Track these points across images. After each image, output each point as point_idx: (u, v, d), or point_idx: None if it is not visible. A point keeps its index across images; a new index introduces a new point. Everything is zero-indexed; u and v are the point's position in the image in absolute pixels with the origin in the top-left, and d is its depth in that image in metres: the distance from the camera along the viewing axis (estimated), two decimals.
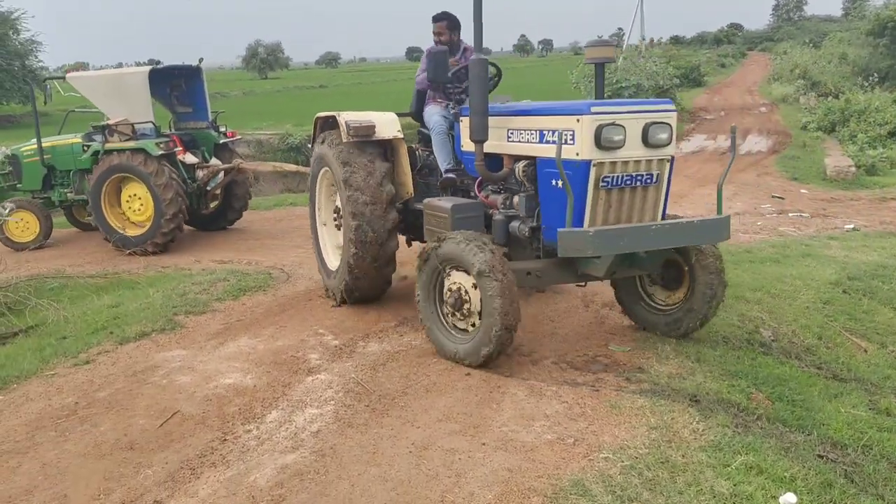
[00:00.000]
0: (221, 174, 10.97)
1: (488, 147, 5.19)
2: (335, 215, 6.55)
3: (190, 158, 10.78)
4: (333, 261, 6.59)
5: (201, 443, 4.17)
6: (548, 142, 4.74)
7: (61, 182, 11.18)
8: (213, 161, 11.24)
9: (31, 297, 8.15)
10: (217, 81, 76.33)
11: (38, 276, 9.38)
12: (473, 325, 4.89)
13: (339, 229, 6.40)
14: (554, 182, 4.73)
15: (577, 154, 4.50)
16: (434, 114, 6.16)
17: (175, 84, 11.27)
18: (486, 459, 3.78)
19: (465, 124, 5.54)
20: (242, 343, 5.85)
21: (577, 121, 4.50)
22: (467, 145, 5.55)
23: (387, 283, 6.37)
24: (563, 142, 4.47)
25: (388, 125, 5.96)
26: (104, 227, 10.32)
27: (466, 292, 4.86)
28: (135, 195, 10.31)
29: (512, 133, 5.16)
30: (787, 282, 7.09)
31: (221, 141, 11.45)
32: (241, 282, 7.81)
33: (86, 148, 10.63)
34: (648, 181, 4.70)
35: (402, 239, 6.65)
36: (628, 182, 4.63)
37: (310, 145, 6.71)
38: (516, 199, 5.16)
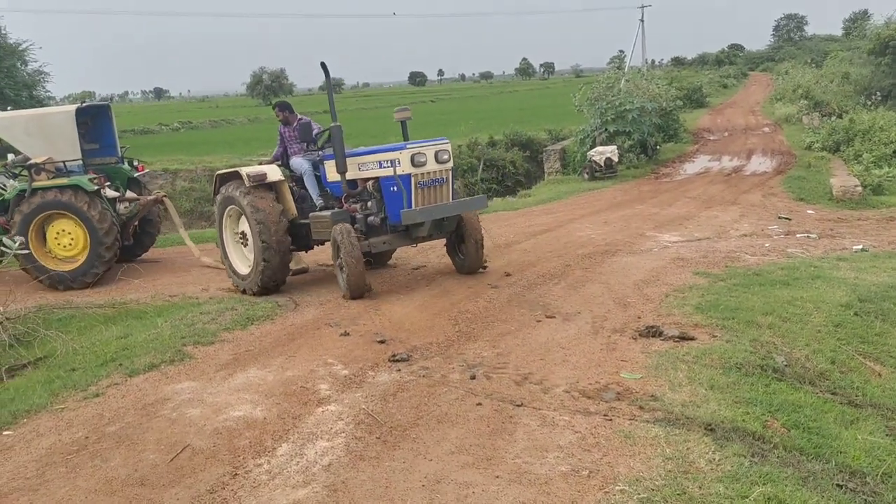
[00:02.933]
0: (136, 205, 11.30)
1: (348, 176, 8.28)
2: (240, 237, 8.93)
3: (110, 193, 10.92)
4: (243, 268, 8.90)
5: (212, 478, 4.13)
6: (384, 167, 7.93)
7: None
8: (129, 194, 11.49)
9: (40, 328, 8.15)
10: (222, 108, 76.98)
11: (46, 306, 9.41)
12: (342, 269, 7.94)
13: (244, 247, 8.88)
14: (392, 188, 7.87)
15: (403, 171, 7.69)
16: (301, 162, 9.01)
17: (81, 122, 11.23)
18: (501, 493, 3.74)
19: (330, 164, 8.51)
20: (251, 374, 5.83)
21: (400, 153, 7.70)
22: (333, 177, 8.51)
23: (286, 271, 8.66)
24: (396, 165, 7.69)
25: (273, 172, 8.58)
26: (34, 265, 10.26)
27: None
28: (64, 231, 10.36)
29: (362, 166, 8.24)
30: (798, 305, 7.04)
31: (135, 175, 11.79)
32: (248, 311, 7.81)
33: (4, 188, 10.62)
34: (441, 182, 7.97)
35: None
36: (431, 183, 7.87)
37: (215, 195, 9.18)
38: (370, 203, 8.26)
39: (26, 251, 10.81)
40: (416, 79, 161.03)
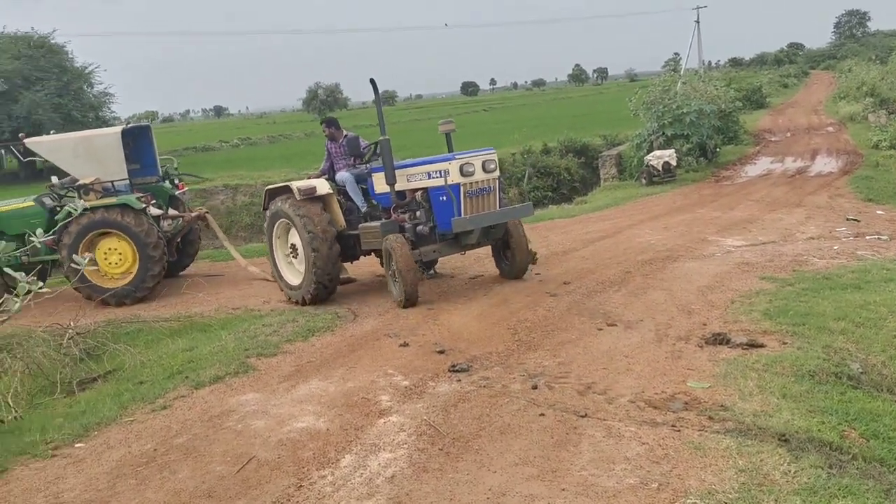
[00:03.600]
0: (179, 222, 11.60)
1: (396, 187, 8.46)
2: (290, 250, 9.22)
3: (154, 211, 11.14)
4: (293, 279, 9.20)
5: (278, 489, 4.16)
6: (433, 178, 8.16)
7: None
8: (171, 212, 11.76)
9: (109, 342, 8.38)
10: (279, 124, 78.46)
11: (114, 320, 9.67)
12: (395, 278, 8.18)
13: (295, 258, 9.17)
14: (441, 198, 8.11)
15: (453, 180, 7.90)
16: (345, 175, 9.27)
17: (124, 143, 11.38)
18: None
19: (377, 177, 8.76)
20: (314, 385, 5.87)
21: (450, 164, 7.91)
22: (381, 188, 8.74)
23: (336, 280, 8.93)
24: (445, 175, 7.90)
25: (322, 186, 8.89)
26: (87, 285, 10.42)
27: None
28: (112, 249, 10.60)
29: (410, 177, 8.47)
30: (872, 309, 6.76)
31: (176, 193, 12.15)
32: (309, 322, 7.89)
33: (58, 209, 10.90)
34: (489, 191, 8.22)
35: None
36: (479, 192, 8.11)
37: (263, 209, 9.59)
38: (419, 212, 8.46)
39: (94, 267, 11.13)
40: (469, 89, 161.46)
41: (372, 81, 8.65)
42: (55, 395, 6.92)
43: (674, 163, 19.05)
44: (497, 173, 8.29)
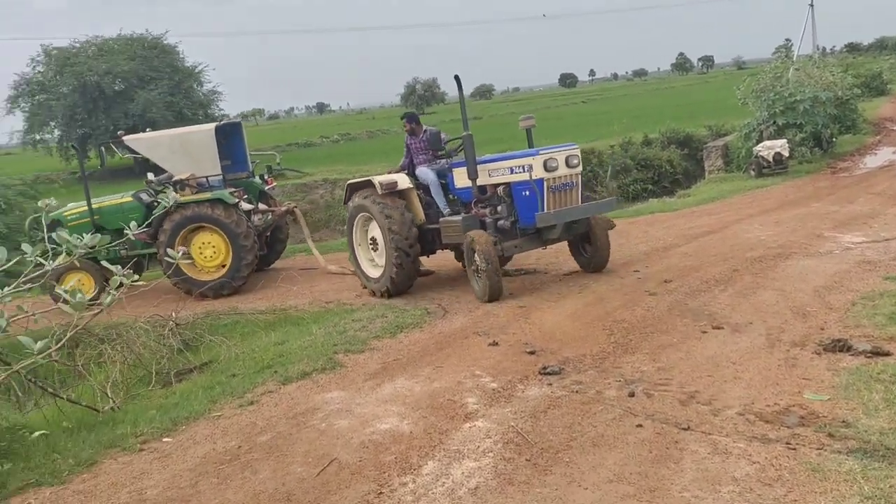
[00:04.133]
0: (269, 216, 11.77)
1: (478, 181, 8.46)
2: (371, 243, 9.34)
3: (245, 206, 11.26)
4: (372, 272, 9.36)
5: (357, 495, 4.00)
6: (515, 172, 8.19)
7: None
8: (261, 206, 11.90)
9: (206, 333, 8.55)
10: (378, 119, 79.63)
11: (213, 312, 9.90)
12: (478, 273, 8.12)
13: (374, 251, 9.29)
14: (524, 193, 8.12)
15: (536, 175, 7.93)
16: (426, 172, 9.25)
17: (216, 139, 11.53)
18: None
19: (458, 171, 8.81)
20: (399, 384, 5.72)
21: (533, 159, 7.96)
22: (462, 183, 8.75)
23: (416, 274, 9.06)
24: (529, 170, 7.96)
25: (403, 181, 8.99)
26: (183, 278, 10.67)
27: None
28: (207, 243, 10.80)
29: (492, 172, 8.50)
30: None
31: (265, 188, 12.30)
32: (398, 318, 7.78)
33: (156, 204, 11.10)
34: (571, 186, 8.22)
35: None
36: (562, 187, 8.13)
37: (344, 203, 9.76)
38: (500, 207, 8.46)
39: (189, 261, 11.41)
40: (567, 80, 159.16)
41: (456, 78, 8.64)
42: (151, 386, 7.07)
43: (786, 153, 17.95)
44: (580, 168, 8.29)
